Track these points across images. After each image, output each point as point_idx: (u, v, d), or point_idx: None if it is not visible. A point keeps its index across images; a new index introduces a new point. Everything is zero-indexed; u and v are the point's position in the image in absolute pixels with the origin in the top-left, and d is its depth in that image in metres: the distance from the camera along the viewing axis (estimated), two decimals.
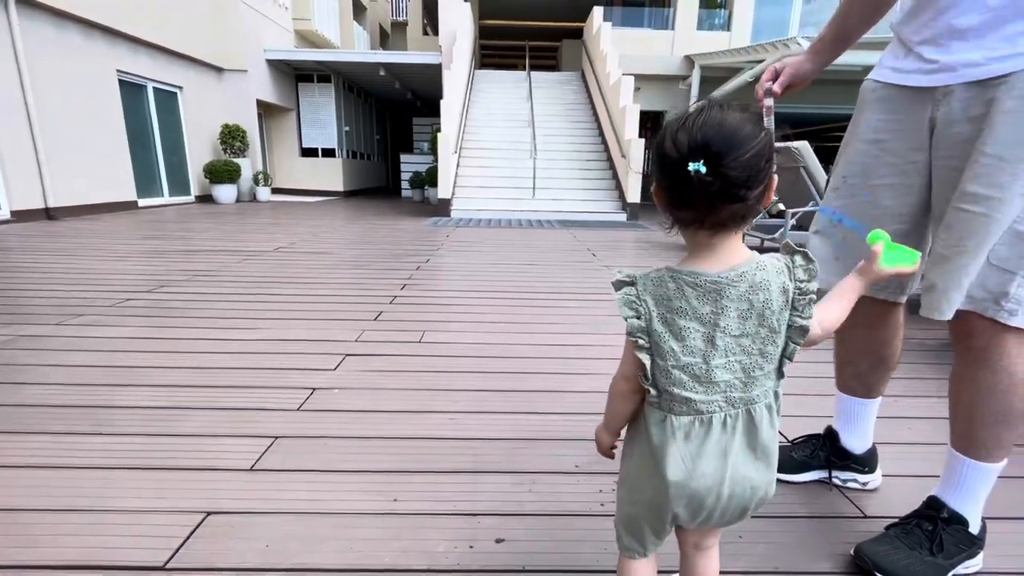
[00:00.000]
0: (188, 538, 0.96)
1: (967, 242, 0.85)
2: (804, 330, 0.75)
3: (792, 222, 3.55)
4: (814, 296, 0.75)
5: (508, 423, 1.43)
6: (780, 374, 0.77)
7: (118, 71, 7.07)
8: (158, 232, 5.15)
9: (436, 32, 12.52)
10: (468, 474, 1.20)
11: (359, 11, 15.97)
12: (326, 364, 1.81)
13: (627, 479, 0.76)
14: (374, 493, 1.12)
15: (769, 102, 1.01)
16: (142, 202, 7.57)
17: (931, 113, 0.92)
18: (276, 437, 1.32)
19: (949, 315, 0.88)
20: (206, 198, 9.07)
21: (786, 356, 0.76)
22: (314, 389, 1.60)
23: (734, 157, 0.60)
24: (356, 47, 14.41)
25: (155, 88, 7.98)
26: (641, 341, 0.71)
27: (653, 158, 0.70)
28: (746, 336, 0.70)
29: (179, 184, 8.61)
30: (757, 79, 1.07)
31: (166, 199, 8.23)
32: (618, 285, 0.73)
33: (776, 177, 0.67)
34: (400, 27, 19.80)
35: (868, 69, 1.05)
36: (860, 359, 1.15)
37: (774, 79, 1.10)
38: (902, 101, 0.96)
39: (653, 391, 0.72)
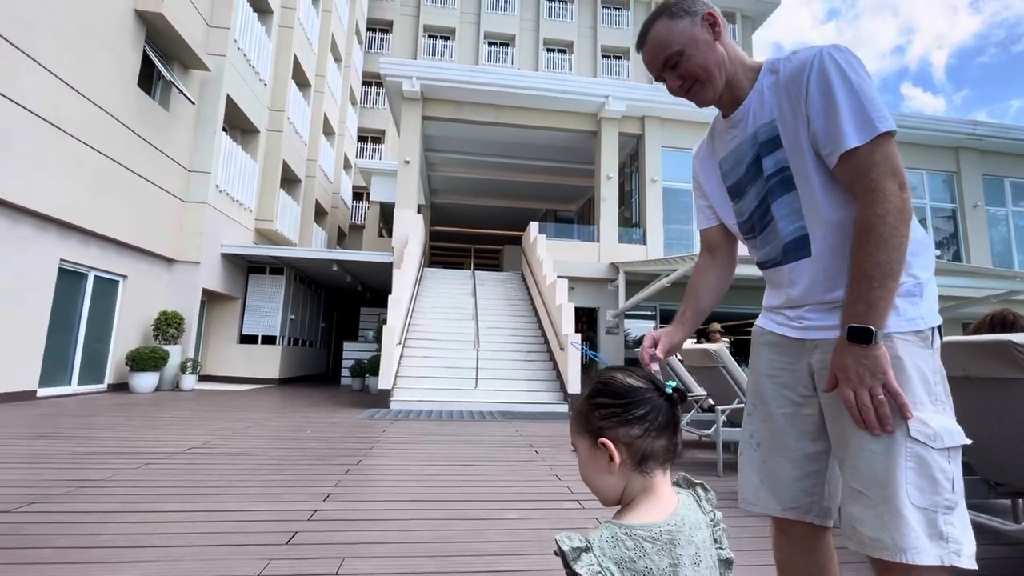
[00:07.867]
0: None
1: (872, 487, 0.89)
2: (730, 563, 0.75)
3: (723, 418, 3.70)
4: (725, 526, 0.77)
5: None
6: None
7: (61, 260, 7.09)
8: (51, 429, 4.55)
9: (391, 235, 13.83)
10: None
11: (320, 215, 17.60)
12: None
13: None
14: None
15: (656, 366, 1.12)
16: (43, 391, 6.86)
17: (808, 359, 1.05)
18: None
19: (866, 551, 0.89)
20: (122, 386, 8.37)
21: None
22: None
23: (678, 386, 0.74)
24: (313, 245, 15.47)
25: (96, 276, 7.95)
26: None
27: (611, 409, 0.71)
28: None
29: (93, 372, 8.00)
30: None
31: (73, 388, 7.52)
32: (573, 554, 0.63)
33: None
34: (357, 228, 21.75)
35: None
36: None
37: (654, 345, 1.18)
38: (786, 346, 1.10)
39: None
